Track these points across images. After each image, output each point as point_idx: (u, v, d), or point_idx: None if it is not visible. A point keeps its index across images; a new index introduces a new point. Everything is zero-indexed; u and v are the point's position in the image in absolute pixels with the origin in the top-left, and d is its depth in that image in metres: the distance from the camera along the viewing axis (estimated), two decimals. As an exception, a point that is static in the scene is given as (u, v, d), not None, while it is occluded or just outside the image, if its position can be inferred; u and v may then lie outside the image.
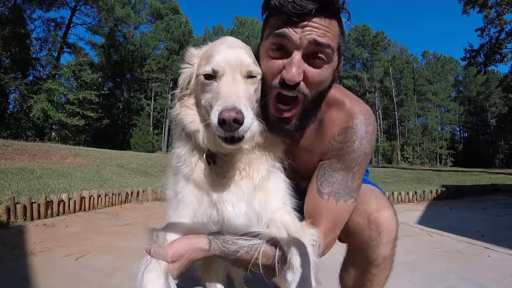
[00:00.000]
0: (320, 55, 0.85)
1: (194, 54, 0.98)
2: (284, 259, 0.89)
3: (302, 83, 0.87)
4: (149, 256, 0.86)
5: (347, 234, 1.02)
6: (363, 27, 46.95)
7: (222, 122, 0.74)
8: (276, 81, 0.88)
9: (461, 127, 56.08)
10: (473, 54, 23.83)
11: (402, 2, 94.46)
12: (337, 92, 1.02)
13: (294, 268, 0.85)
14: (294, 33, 0.82)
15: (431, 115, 49.55)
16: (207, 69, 0.86)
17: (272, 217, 0.94)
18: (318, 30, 0.82)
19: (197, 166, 0.96)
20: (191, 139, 0.96)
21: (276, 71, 0.88)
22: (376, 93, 47.35)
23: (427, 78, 48.78)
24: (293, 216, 0.97)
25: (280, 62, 0.87)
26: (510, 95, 30.02)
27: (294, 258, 0.85)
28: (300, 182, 1.11)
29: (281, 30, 0.83)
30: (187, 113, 0.95)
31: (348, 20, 0.90)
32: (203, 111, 0.91)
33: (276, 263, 0.90)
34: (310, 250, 0.87)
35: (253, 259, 0.90)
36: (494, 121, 46.23)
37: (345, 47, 0.95)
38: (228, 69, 0.85)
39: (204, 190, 0.96)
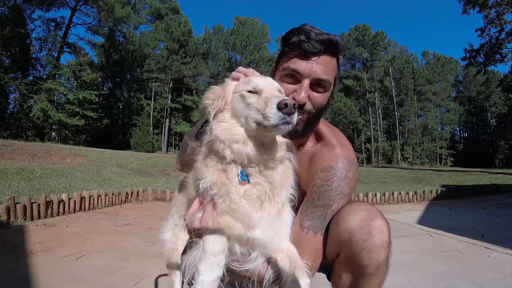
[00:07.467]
0: (321, 85, 1.12)
1: (222, 88, 1.06)
2: (274, 280, 1.00)
3: (308, 103, 1.12)
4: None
5: (340, 245, 1.03)
6: (363, 27, 46.91)
7: (284, 106, 0.86)
8: None
9: (461, 127, 55.98)
10: (473, 54, 23.76)
11: (402, 2, 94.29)
12: (334, 138, 1.21)
13: None
14: (305, 69, 1.09)
15: (431, 115, 49.48)
16: (249, 87, 0.99)
17: (280, 246, 1.02)
18: (323, 67, 1.10)
19: (233, 192, 0.97)
20: (221, 159, 0.98)
21: (288, 93, 1.11)
22: (376, 93, 47.31)
23: (427, 78, 48.67)
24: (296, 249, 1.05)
25: (292, 86, 1.13)
26: (510, 95, 30.03)
27: (293, 285, 0.94)
28: None
29: (296, 66, 1.10)
30: (225, 127, 0.97)
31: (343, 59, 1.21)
32: (243, 120, 0.97)
33: (266, 282, 1.00)
34: (307, 281, 0.97)
35: (250, 275, 0.99)
36: (494, 121, 46.20)
37: (339, 79, 1.23)
38: (268, 88, 0.99)
39: (239, 217, 0.97)
